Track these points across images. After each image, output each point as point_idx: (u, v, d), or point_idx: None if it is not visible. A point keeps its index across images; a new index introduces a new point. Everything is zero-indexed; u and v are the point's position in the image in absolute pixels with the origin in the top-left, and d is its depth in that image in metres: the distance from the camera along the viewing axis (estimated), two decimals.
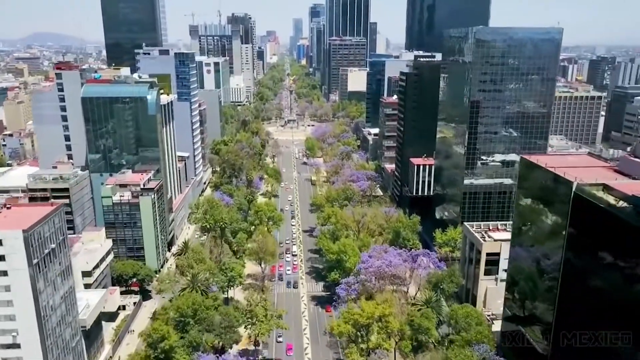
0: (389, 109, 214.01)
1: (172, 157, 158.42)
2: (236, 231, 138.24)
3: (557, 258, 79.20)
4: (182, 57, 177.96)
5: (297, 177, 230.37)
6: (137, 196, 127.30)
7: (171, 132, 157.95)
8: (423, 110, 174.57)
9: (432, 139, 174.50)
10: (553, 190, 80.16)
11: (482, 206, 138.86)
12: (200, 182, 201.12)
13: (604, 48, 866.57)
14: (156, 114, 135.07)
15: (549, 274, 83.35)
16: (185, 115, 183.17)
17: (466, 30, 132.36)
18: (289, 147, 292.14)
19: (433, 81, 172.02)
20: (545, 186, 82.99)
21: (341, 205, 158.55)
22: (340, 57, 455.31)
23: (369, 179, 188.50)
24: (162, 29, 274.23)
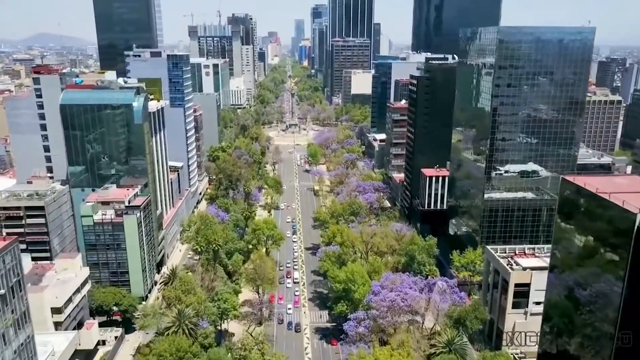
0: (397, 114, 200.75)
1: (163, 168, 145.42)
2: (232, 252, 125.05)
3: (615, 297, 66.04)
4: (176, 60, 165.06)
5: (298, 187, 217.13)
6: (121, 215, 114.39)
7: (162, 141, 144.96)
8: (435, 117, 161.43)
9: (445, 148, 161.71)
10: (607, 221, 66.82)
11: (504, 224, 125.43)
12: (196, 193, 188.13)
13: (607, 48, 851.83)
14: (143, 123, 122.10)
15: (602, 311, 70.10)
16: (178, 122, 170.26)
17: (486, 29, 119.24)
18: (290, 153, 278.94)
19: (446, 85, 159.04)
20: (596, 214, 69.63)
21: (347, 221, 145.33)
22: (344, 59, 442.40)
23: (376, 190, 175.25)
24: (158, 30, 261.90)
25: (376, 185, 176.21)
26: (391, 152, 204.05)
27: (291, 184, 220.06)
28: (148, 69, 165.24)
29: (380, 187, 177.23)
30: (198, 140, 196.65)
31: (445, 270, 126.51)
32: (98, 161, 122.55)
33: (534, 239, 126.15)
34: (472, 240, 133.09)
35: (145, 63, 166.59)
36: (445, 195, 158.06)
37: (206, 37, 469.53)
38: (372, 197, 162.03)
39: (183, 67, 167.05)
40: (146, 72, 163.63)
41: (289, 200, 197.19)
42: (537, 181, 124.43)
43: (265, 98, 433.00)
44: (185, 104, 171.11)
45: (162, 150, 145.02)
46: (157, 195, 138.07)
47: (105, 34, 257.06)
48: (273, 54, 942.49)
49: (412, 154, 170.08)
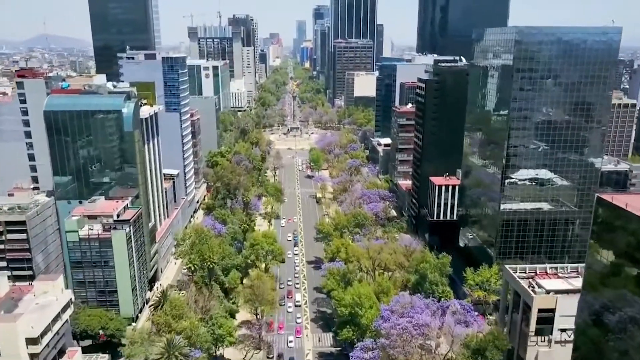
0: (403, 118, 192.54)
1: (156, 177, 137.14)
2: (229, 268, 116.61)
3: None
4: (171, 62, 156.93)
5: (300, 194, 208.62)
6: (109, 230, 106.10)
7: (156, 148, 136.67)
8: (445, 122, 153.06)
9: (455, 155, 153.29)
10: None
11: (522, 237, 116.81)
12: (193, 202, 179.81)
13: None
14: (134, 130, 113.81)
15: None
16: (174, 127, 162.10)
17: (502, 30, 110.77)
18: (292, 157, 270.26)
19: (457, 89, 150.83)
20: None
21: (351, 233, 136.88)
22: (346, 60, 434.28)
23: (381, 199, 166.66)
24: (155, 31, 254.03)
25: (382, 193, 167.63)
26: (397, 158, 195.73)
27: (292, 191, 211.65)
28: (142, 72, 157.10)
29: (386, 196, 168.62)
30: (195, 146, 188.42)
31: (457, 288, 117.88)
32: (85, 171, 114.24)
33: (554, 254, 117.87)
34: (485, 254, 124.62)
35: (139, 66, 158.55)
36: (455, 205, 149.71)
37: (206, 39, 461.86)
38: (377, 207, 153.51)
39: (179, 70, 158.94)
40: (140, 75, 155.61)
41: (290, 208, 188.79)
42: (556, 191, 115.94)
43: (266, 100, 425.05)
44: (182, 108, 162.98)
45: (155, 158, 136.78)
46: (150, 206, 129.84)
47: (101, 35, 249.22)
48: (274, 55, 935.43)
49: (419, 161, 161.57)
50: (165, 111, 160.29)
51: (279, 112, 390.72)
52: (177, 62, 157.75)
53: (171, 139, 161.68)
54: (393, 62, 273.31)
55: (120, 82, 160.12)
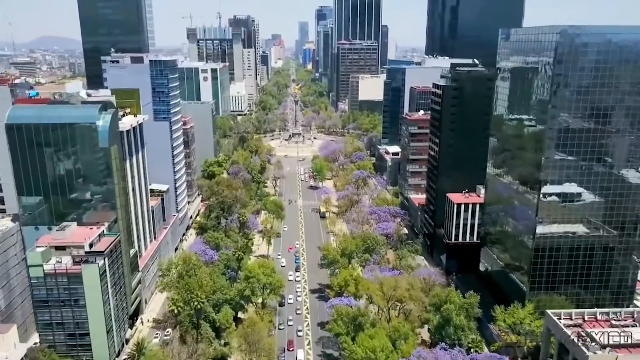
0: (415, 127, 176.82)
1: (141, 195, 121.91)
2: (220, 304, 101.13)
3: None
4: (160, 66, 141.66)
5: (302, 207, 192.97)
6: (80, 262, 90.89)
7: (140, 163, 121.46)
8: (464, 133, 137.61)
9: (475, 170, 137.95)
10: None
11: (560, 265, 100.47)
12: (185, 218, 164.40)
13: None
14: (111, 145, 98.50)
15: None
16: (163, 138, 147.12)
17: (539, 29, 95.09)
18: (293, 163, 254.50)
19: (478, 95, 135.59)
20: None
21: (360, 260, 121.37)
22: (350, 62, 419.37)
23: (392, 217, 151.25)
24: (149, 31, 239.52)
25: (392, 210, 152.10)
26: (408, 169, 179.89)
27: (294, 204, 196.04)
28: (128, 77, 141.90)
29: (397, 213, 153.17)
30: (189, 157, 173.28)
31: (483, 327, 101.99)
32: (55, 193, 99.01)
33: (591, 285, 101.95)
34: (511, 283, 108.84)
35: (124, 70, 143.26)
36: (475, 225, 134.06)
37: (205, 40, 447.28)
38: (389, 227, 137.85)
39: (169, 75, 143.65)
40: (126, 81, 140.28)
41: (292, 224, 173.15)
42: (603, 212, 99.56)
43: (267, 104, 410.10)
44: (172, 117, 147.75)
45: (140, 173, 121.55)
46: (133, 230, 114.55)
47: (91, 36, 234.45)
48: (276, 57, 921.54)
49: (435, 175, 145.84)
50: (154, 120, 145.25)
51: (280, 117, 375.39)
52: (166, 66, 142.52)
53: (160, 150, 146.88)
54: (401, 64, 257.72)
55: (104, 88, 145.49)
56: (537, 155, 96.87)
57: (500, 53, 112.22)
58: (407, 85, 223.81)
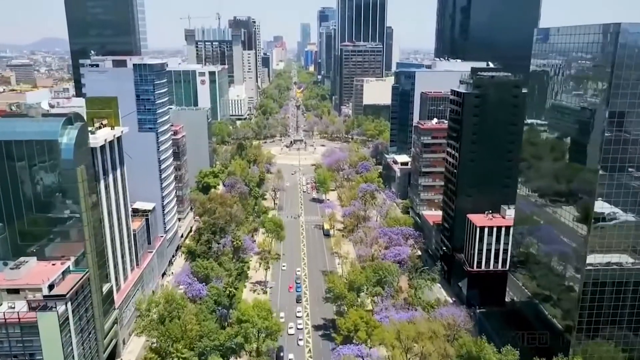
0: (428, 136, 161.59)
1: (120, 219, 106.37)
2: (208, 352, 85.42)
3: None
4: (145, 70, 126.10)
5: (304, 223, 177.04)
6: (36, 309, 75.39)
7: (118, 182, 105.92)
8: (488, 145, 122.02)
9: (500, 187, 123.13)
10: None
11: (618, 308, 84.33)
12: (175, 238, 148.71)
13: None
14: (78, 165, 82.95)
15: None
16: (149, 151, 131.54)
17: (590, 27, 79.22)
18: (294, 173, 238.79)
19: (504, 104, 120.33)
20: None
21: (371, 294, 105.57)
22: (353, 65, 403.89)
23: (405, 238, 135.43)
24: (141, 32, 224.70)
25: (405, 231, 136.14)
26: (420, 182, 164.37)
27: (295, 219, 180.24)
28: (108, 82, 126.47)
29: (410, 234, 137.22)
30: (179, 170, 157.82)
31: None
32: (10, 223, 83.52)
33: None
34: (551, 328, 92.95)
35: (104, 75, 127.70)
36: (501, 251, 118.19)
37: (204, 42, 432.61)
38: (402, 252, 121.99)
39: (155, 80, 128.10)
40: (106, 87, 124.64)
41: (293, 243, 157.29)
42: None
43: (267, 108, 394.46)
44: (159, 127, 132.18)
45: (118, 194, 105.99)
46: (109, 260, 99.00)
47: (79, 38, 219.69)
48: (278, 59, 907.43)
49: (453, 193, 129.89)
50: (138, 131, 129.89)
51: (281, 122, 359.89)
52: (152, 70, 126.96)
53: (146, 165, 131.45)
54: (411, 68, 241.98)
55: (82, 95, 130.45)
56: (590, 172, 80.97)
57: (535, 55, 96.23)
58: (417, 90, 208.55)
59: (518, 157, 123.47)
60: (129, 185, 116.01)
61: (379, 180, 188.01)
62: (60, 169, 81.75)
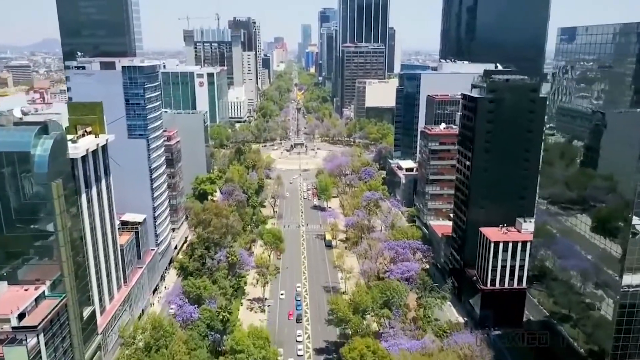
0: (436, 142, 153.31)
1: (105, 234, 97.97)
2: None
3: None
4: (134, 73, 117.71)
5: (305, 233, 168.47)
6: (3, 342, 67.00)
7: (103, 194, 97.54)
8: (503, 153, 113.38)
9: (515, 198, 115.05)
10: None
11: None
12: (169, 250, 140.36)
13: None
14: (53, 179, 74.52)
15: None
16: (139, 158, 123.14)
17: (628, 26, 70.74)
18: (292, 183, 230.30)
19: (520, 109, 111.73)
20: None
21: (379, 317, 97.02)
22: (355, 67, 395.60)
23: (413, 251, 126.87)
24: (136, 33, 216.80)
25: (414, 245, 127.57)
26: (427, 191, 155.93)
27: (295, 229, 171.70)
28: (96, 86, 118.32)
29: (419, 248, 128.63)
30: (173, 177, 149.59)
31: None
32: None
33: None
34: (579, 358, 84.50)
35: (91, 78, 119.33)
36: (517, 268, 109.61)
37: (203, 43, 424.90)
38: (411, 269, 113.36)
39: (145, 83, 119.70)
40: (93, 91, 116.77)
41: (293, 255, 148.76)
42: None
43: (267, 111, 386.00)
44: (150, 133, 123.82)
45: (103, 208, 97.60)
46: (91, 281, 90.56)
47: (71, 38, 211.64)
48: (278, 60, 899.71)
49: (464, 203, 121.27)
50: (128, 137, 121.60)
51: (281, 125, 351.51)
52: (142, 73, 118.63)
53: (136, 173, 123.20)
54: (416, 69, 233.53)
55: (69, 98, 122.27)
56: (624, 183, 72.42)
57: (559, 56, 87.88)
58: (423, 92, 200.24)
59: (535, 166, 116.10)
60: (118, 195, 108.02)
61: (384, 188, 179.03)
62: (31, 185, 73.29)
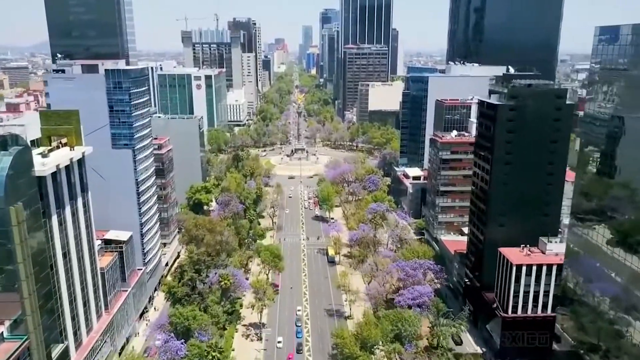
0: (447, 151, 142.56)
1: (81, 259, 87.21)
2: None
3: None
4: (119, 77, 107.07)
5: (306, 247, 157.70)
6: None
7: (79, 214, 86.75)
8: (525, 166, 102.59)
9: (538, 215, 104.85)
10: None
11: None
12: (158, 268, 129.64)
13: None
14: (10, 205, 63.80)
15: None
16: (125, 170, 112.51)
17: None
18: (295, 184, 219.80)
19: (544, 118, 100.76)
20: None
21: (389, 353, 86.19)
22: (357, 68, 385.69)
23: (424, 271, 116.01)
24: (129, 34, 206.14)
25: (427, 265, 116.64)
26: (437, 203, 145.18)
27: (296, 242, 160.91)
28: (77, 92, 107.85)
29: (431, 267, 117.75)
30: (164, 189, 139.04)
31: None
32: None
33: None
34: None
35: (72, 83, 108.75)
36: (541, 294, 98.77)
37: (202, 44, 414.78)
38: (424, 294, 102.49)
39: (132, 88, 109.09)
40: (75, 97, 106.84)
41: (293, 272, 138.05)
42: None
43: (267, 114, 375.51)
44: (136, 142, 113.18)
45: (79, 229, 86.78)
46: (64, 313, 79.88)
47: (60, 40, 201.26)
48: (279, 61, 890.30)
49: (481, 220, 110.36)
50: (112, 147, 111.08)
51: (282, 129, 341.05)
52: (128, 77, 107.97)
53: (121, 187, 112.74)
54: (423, 72, 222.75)
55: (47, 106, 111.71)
56: None
57: (598, 58, 76.97)
58: (430, 96, 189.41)
59: (559, 180, 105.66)
60: (101, 211, 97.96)
61: (390, 199, 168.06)
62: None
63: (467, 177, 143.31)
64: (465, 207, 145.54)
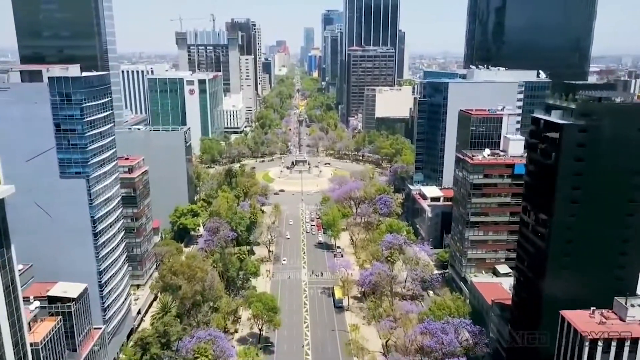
0: (479, 174, 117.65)
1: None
2: None
3: None
4: (67, 87, 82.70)
5: (307, 284, 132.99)
6: None
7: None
8: (598, 205, 77.95)
9: (615, 268, 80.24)
10: None
11: None
12: (126, 321, 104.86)
13: (630, 58, 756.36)
14: None
15: None
16: (77, 205, 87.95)
17: None
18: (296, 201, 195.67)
19: (623, 143, 76.28)
20: None
21: None
22: (362, 72, 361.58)
23: (456, 333, 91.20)
24: (107, 35, 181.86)
25: (459, 323, 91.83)
26: (467, 236, 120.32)
27: (296, 280, 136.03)
28: (14, 106, 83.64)
29: (464, 325, 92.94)
30: (137, 220, 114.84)
31: None
32: None
33: None
34: None
35: (8, 95, 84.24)
36: None
37: (197, 46, 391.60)
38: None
39: (85, 101, 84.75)
40: (11, 112, 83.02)
41: (292, 322, 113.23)
42: None
43: (266, 121, 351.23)
44: (93, 170, 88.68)
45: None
46: None
47: (29, 40, 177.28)
48: (280, 64, 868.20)
49: (538, 273, 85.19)
50: (60, 177, 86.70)
51: (282, 137, 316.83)
52: (80, 86, 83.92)
53: (72, 226, 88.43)
54: (442, 78, 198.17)
55: None
56: None
57: None
58: (451, 105, 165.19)
59: None
60: (47, 259, 75.37)
61: (409, 230, 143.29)
62: None
63: (502, 205, 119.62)
64: (500, 241, 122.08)
